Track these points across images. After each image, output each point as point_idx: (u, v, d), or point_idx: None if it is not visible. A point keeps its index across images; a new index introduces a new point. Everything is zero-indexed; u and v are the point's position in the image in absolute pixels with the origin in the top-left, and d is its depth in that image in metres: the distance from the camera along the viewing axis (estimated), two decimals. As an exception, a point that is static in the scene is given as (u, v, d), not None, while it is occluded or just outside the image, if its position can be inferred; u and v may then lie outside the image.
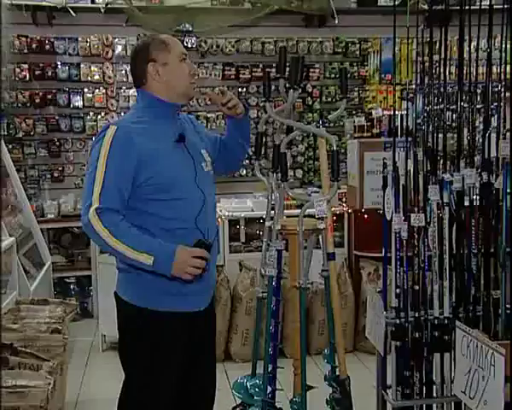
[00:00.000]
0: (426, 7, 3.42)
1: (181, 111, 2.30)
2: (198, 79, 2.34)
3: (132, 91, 5.78)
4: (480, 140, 2.41)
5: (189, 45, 5.78)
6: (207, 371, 2.32)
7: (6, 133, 5.47)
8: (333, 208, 3.72)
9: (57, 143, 5.78)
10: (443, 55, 2.51)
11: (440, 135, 2.52)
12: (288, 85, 2.52)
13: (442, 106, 2.53)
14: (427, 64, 2.57)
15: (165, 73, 2.15)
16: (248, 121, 2.48)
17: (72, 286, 5.52)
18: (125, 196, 2.04)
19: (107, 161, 2.02)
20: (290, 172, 5.90)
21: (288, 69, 2.56)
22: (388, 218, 2.50)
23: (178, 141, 2.15)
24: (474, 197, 2.42)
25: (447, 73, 2.54)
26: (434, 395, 2.50)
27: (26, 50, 5.59)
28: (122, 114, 5.58)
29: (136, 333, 2.15)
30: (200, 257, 2.02)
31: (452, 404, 2.49)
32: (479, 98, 2.78)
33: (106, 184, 2.00)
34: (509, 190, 2.32)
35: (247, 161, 5.99)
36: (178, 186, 2.09)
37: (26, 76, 5.62)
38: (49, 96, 5.70)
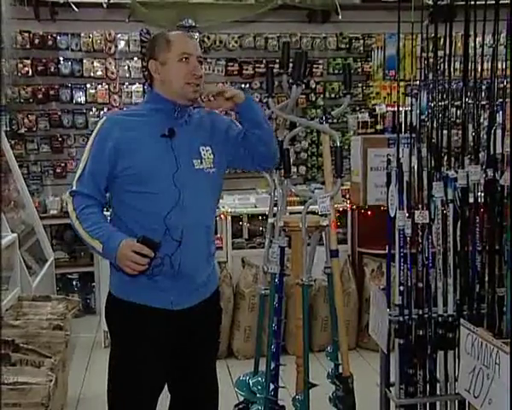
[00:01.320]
0: (430, 2, 3.39)
1: (187, 108, 2.23)
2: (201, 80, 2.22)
3: (135, 87, 5.78)
4: (485, 136, 2.39)
5: (192, 41, 5.76)
6: (203, 373, 2.29)
7: (9, 129, 5.46)
8: (336, 205, 3.71)
9: (60, 139, 5.77)
10: (447, 51, 2.49)
11: (445, 131, 2.50)
12: (291, 81, 2.50)
13: (446, 102, 2.51)
14: (431, 60, 2.55)
15: (163, 72, 2.16)
16: (252, 103, 2.32)
17: (74, 282, 5.52)
18: (101, 184, 2.13)
19: (90, 149, 2.13)
20: (293, 169, 5.87)
21: (291, 65, 2.54)
22: (392, 215, 2.49)
23: (165, 136, 2.13)
24: (479, 194, 2.40)
25: (452, 69, 2.52)
26: (438, 393, 2.49)
27: (28, 46, 5.59)
28: (125, 109, 5.56)
29: (117, 323, 2.22)
30: (142, 254, 2.01)
31: (456, 402, 2.48)
32: (484, 94, 2.76)
33: (85, 169, 2.12)
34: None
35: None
36: (152, 180, 2.10)
37: (28, 71, 5.61)
38: (52, 92, 5.69)
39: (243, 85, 5.96)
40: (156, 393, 2.23)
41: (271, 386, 2.56)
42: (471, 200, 2.42)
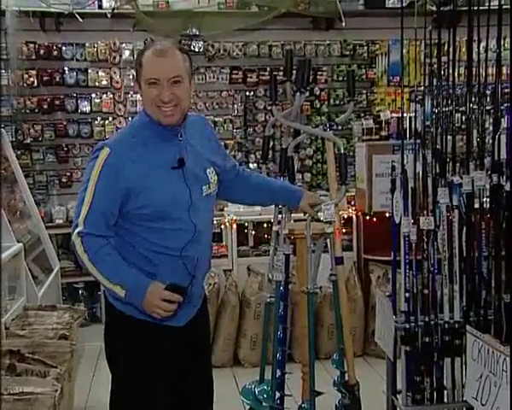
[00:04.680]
0: (434, 8, 3.40)
1: (178, 128, 2.12)
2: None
3: (139, 96, 5.77)
4: (490, 142, 2.38)
5: (197, 49, 5.78)
6: (200, 381, 2.28)
7: (14, 139, 5.48)
8: (341, 212, 3.70)
9: (65, 149, 5.78)
10: (451, 57, 2.48)
11: (449, 137, 2.49)
12: (294, 89, 2.50)
13: (451, 108, 2.51)
14: (435, 66, 2.54)
15: (142, 95, 2.09)
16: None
17: (80, 291, 5.51)
18: (111, 221, 2.04)
19: (96, 185, 2.01)
20: (298, 176, 5.86)
21: (294, 72, 2.54)
22: (397, 221, 2.48)
23: (176, 167, 2.07)
24: (485, 200, 2.39)
25: (456, 74, 2.52)
26: (445, 400, 2.48)
27: (33, 56, 5.61)
28: (130, 119, 5.58)
29: (121, 339, 2.15)
30: (172, 301, 1.99)
31: (464, 410, 2.46)
32: (488, 99, 2.75)
33: (92, 207, 2.00)
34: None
35: (255, 165, 5.98)
36: (168, 218, 2.05)
37: (33, 82, 5.63)
38: (57, 102, 5.71)
39: (247, 93, 5.96)
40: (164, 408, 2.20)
41: (277, 394, 2.54)
42: (476, 205, 2.41)
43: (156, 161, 2.05)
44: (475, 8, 2.37)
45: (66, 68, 5.70)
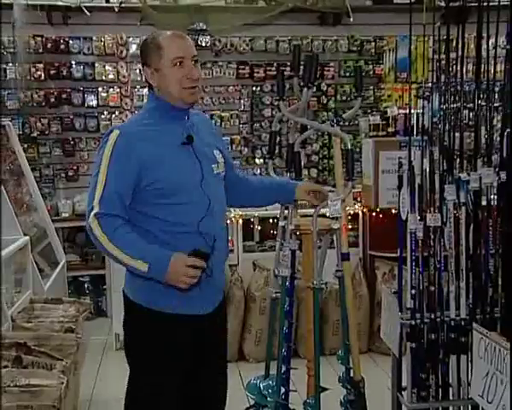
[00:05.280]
0: (442, 4, 3.38)
1: (193, 110, 2.23)
2: (203, 81, 2.23)
3: (146, 90, 5.77)
4: (498, 139, 2.37)
5: (203, 44, 5.78)
6: (216, 373, 2.29)
7: (21, 132, 5.50)
8: (347, 208, 3.69)
9: (72, 143, 5.80)
10: (460, 53, 2.47)
11: (457, 134, 2.48)
12: (302, 84, 2.49)
13: (459, 104, 2.49)
14: (443, 62, 2.53)
15: (158, 79, 2.10)
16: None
17: (86, 285, 5.54)
18: (126, 201, 2.04)
19: (108, 167, 2.02)
20: (304, 172, 5.87)
21: (302, 68, 2.53)
22: (404, 218, 2.47)
23: (185, 143, 2.10)
24: (492, 197, 2.38)
25: (464, 70, 2.50)
26: (451, 397, 2.47)
27: (41, 50, 5.63)
28: (136, 113, 5.58)
29: (141, 332, 2.16)
30: (196, 266, 2.00)
31: (469, 407, 2.46)
32: (497, 96, 2.73)
33: (106, 189, 2.00)
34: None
35: (261, 160, 5.98)
36: (181, 191, 2.06)
37: (41, 75, 5.65)
38: (64, 96, 5.73)
39: (254, 88, 5.95)
40: (179, 401, 2.21)
41: (282, 390, 2.55)
42: (484, 203, 2.40)
43: (166, 139, 2.08)
44: (484, 3, 2.36)
45: (73, 62, 5.72)
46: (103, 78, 5.74)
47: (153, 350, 2.14)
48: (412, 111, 2.71)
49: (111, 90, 5.79)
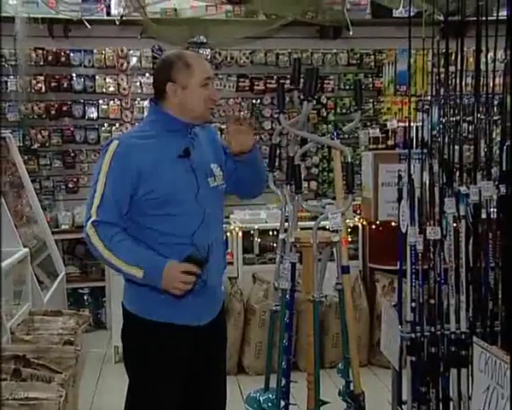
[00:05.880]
0: (441, 18, 3.40)
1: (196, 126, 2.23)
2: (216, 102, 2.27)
3: (147, 103, 5.80)
4: (498, 152, 2.37)
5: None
6: (215, 385, 2.30)
7: (22, 144, 5.50)
8: (347, 220, 3.69)
9: (72, 155, 5.81)
10: (459, 67, 2.48)
11: (456, 147, 2.49)
12: (302, 97, 2.50)
13: (458, 117, 2.50)
14: (442, 75, 2.54)
15: (183, 96, 2.13)
16: (256, 159, 2.34)
17: (85, 297, 5.52)
18: (123, 210, 2.08)
19: (106, 175, 2.06)
20: (304, 184, 5.87)
21: (302, 81, 2.55)
22: (403, 230, 2.47)
23: (182, 156, 2.13)
24: (492, 210, 2.38)
25: (463, 84, 2.52)
26: (451, 411, 2.46)
27: (42, 62, 5.65)
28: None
29: (137, 343, 2.18)
30: (190, 272, 2.01)
31: (470, 421, 2.44)
32: (496, 110, 2.74)
33: (104, 197, 2.04)
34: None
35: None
36: (176, 202, 2.09)
37: (41, 88, 5.67)
38: (65, 108, 5.74)
39: (254, 101, 5.97)
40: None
41: (282, 403, 2.53)
42: (483, 216, 2.40)
43: (164, 151, 2.11)
44: (483, 18, 2.37)
45: (73, 74, 5.74)
46: (104, 90, 5.76)
47: (149, 360, 2.15)
48: (412, 124, 2.73)
49: (111, 102, 5.80)
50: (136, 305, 2.17)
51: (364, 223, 4.61)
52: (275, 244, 4.40)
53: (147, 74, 5.80)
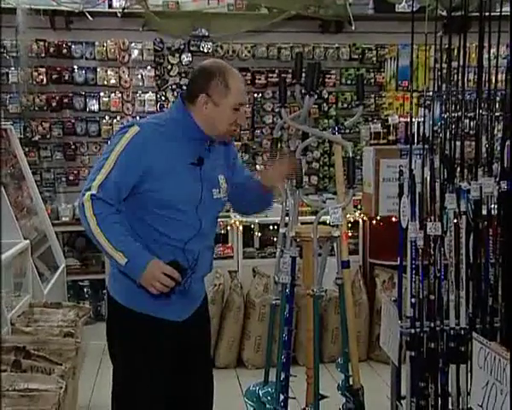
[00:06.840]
0: (444, 13, 3.39)
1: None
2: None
3: (148, 96, 5.80)
4: (499, 148, 2.37)
5: (205, 50, 5.79)
6: (201, 377, 2.31)
7: (23, 136, 5.50)
8: (348, 215, 3.69)
9: (73, 147, 5.80)
10: (461, 62, 2.48)
11: (458, 143, 2.49)
12: (303, 91, 2.50)
13: (460, 113, 2.50)
14: (444, 71, 2.54)
15: (212, 112, 2.13)
16: (270, 200, 2.45)
17: (85, 289, 5.53)
18: (123, 195, 2.08)
19: (118, 157, 2.05)
20: (305, 179, 5.86)
21: (304, 75, 2.54)
22: (404, 226, 2.48)
23: (194, 164, 2.14)
24: (492, 206, 2.38)
25: (465, 80, 2.51)
26: (450, 407, 2.46)
27: (43, 54, 5.64)
28: (137, 118, 5.58)
29: (122, 332, 2.20)
30: (172, 277, 2.02)
31: (468, 417, 2.45)
32: (498, 106, 2.74)
33: (109, 177, 2.04)
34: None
35: (261, 167, 5.98)
36: (176, 209, 2.11)
37: (43, 80, 5.65)
38: (66, 100, 5.73)
39: (255, 95, 5.96)
40: (163, 402, 2.23)
41: (281, 397, 2.54)
42: (484, 212, 2.40)
43: (178, 155, 2.12)
44: (486, 13, 2.37)
45: (75, 67, 5.73)
46: (105, 82, 5.75)
47: (133, 350, 2.17)
48: (413, 119, 2.72)
49: (113, 95, 5.79)
50: (122, 294, 2.18)
51: (365, 218, 4.60)
52: (275, 238, 4.40)
53: (148, 67, 5.79)
